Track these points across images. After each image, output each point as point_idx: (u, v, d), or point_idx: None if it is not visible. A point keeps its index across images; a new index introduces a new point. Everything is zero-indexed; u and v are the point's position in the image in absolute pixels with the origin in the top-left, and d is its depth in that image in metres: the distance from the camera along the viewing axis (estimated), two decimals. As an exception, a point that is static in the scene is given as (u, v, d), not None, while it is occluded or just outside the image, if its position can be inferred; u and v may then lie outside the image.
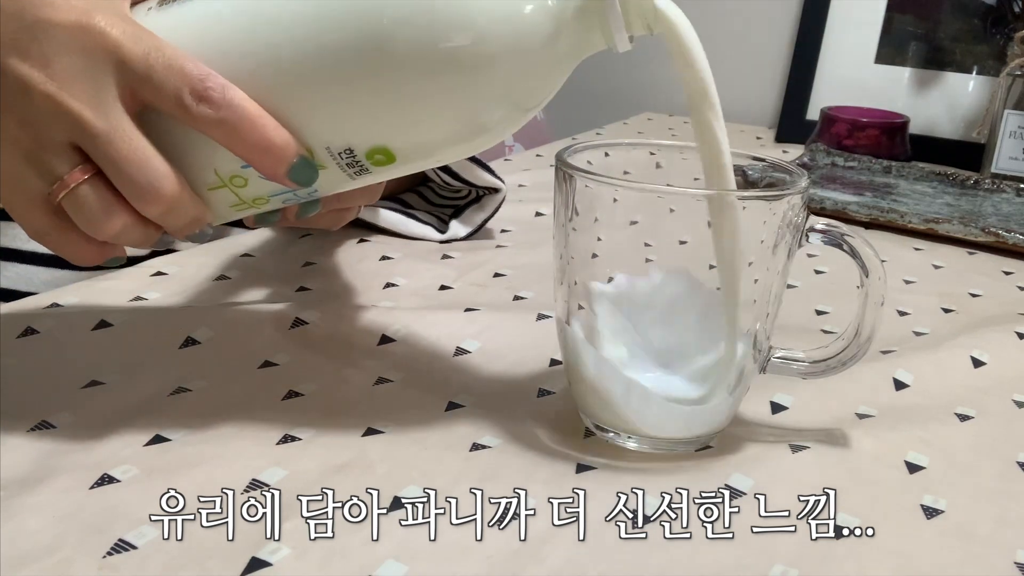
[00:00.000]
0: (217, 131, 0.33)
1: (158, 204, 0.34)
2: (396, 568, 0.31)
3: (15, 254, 0.56)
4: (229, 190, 0.36)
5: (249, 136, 0.33)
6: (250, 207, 0.38)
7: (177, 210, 0.35)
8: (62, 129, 0.33)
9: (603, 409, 0.39)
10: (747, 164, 0.41)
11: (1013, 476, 0.39)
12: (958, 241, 0.74)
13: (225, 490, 0.34)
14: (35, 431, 0.38)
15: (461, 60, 0.33)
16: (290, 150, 0.34)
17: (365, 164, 0.36)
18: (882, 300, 0.38)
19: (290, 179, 0.35)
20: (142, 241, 0.36)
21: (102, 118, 0.33)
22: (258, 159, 0.34)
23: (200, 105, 0.33)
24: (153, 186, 0.34)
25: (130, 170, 0.33)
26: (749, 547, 0.33)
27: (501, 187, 0.66)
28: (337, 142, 0.35)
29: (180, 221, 0.36)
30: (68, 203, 0.34)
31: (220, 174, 0.36)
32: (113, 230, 0.35)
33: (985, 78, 1.09)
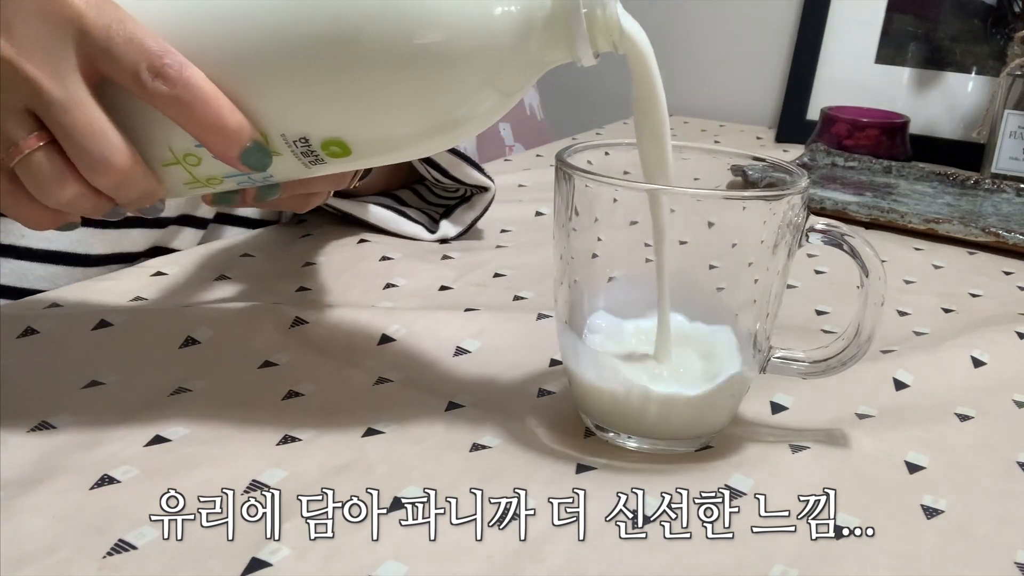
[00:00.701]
0: (171, 109, 0.33)
1: (110, 176, 0.34)
2: (396, 568, 0.31)
3: (11, 250, 0.56)
4: (183, 168, 0.36)
5: (203, 116, 0.33)
6: (204, 186, 0.37)
7: (129, 183, 0.35)
8: (19, 95, 0.33)
9: (603, 409, 0.39)
10: (747, 164, 0.41)
11: (1013, 476, 0.39)
12: (958, 241, 0.74)
13: (225, 490, 0.34)
14: (35, 431, 0.38)
15: (423, 60, 0.33)
16: (244, 134, 0.34)
17: (320, 154, 0.35)
18: (882, 300, 0.38)
19: (242, 163, 0.35)
20: (93, 211, 0.36)
21: (60, 87, 0.33)
22: (210, 140, 0.34)
23: (156, 81, 0.33)
24: (106, 158, 0.34)
25: (84, 141, 0.33)
26: (749, 547, 0.33)
27: (490, 186, 0.66)
28: (292, 130, 0.35)
29: (131, 194, 0.36)
30: (21, 169, 0.34)
31: (174, 151, 0.35)
32: (64, 198, 0.35)
33: (985, 78, 1.09)
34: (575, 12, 0.34)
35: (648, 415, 0.38)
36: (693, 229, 0.38)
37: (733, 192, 0.36)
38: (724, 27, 1.29)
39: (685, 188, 0.35)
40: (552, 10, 0.34)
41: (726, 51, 1.30)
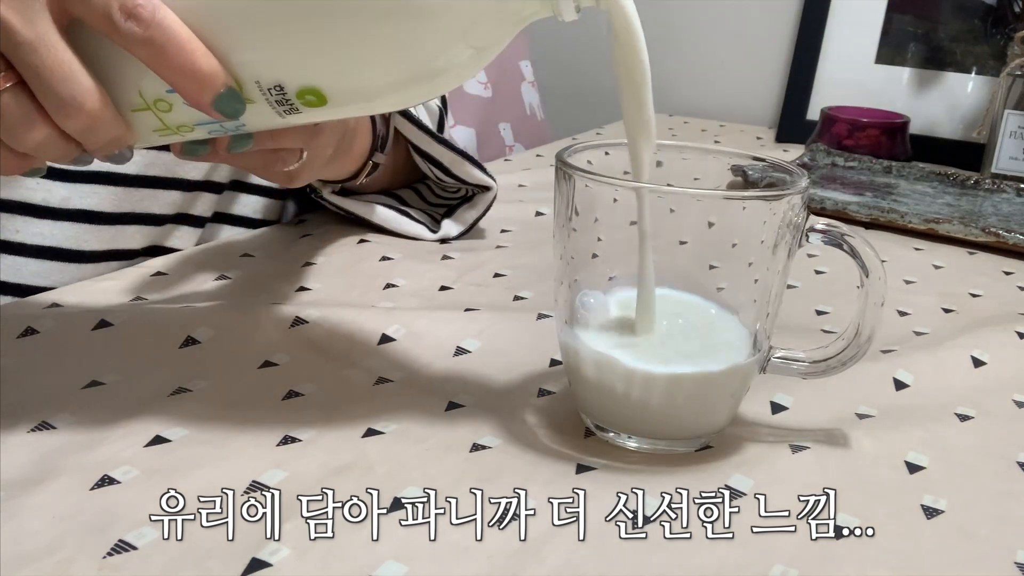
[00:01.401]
0: (143, 51, 0.33)
1: (79, 119, 0.34)
2: (396, 568, 0.31)
3: (6, 246, 0.56)
4: (153, 113, 0.35)
5: (175, 59, 0.33)
6: (174, 134, 0.37)
7: (98, 127, 0.34)
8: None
9: (603, 405, 0.39)
10: (747, 164, 0.41)
11: (1013, 476, 0.39)
12: (958, 241, 0.74)
13: (225, 491, 0.34)
14: (35, 431, 0.38)
15: (399, 7, 0.32)
16: (217, 79, 0.33)
17: (295, 103, 0.35)
18: (882, 300, 0.38)
19: (215, 109, 0.34)
20: (61, 156, 0.36)
21: (28, 26, 0.32)
22: (183, 84, 0.33)
23: (128, 22, 0.32)
24: (76, 100, 0.33)
25: (53, 82, 0.33)
26: (749, 547, 0.33)
27: (492, 185, 0.66)
28: (267, 77, 0.34)
29: (100, 139, 0.35)
30: None
31: (144, 96, 0.35)
32: (32, 142, 0.34)
33: (985, 78, 1.09)
34: None
35: (651, 405, 0.37)
36: (693, 229, 0.38)
37: (733, 192, 0.36)
38: (724, 27, 1.29)
39: (685, 188, 0.35)
40: None
41: (726, 51, 1.30)
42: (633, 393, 0.37)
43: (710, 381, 0.37)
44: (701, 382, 0.37)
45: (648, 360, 0.37)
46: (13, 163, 0.36)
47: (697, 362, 0.37)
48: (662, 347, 0.38)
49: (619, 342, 0.38)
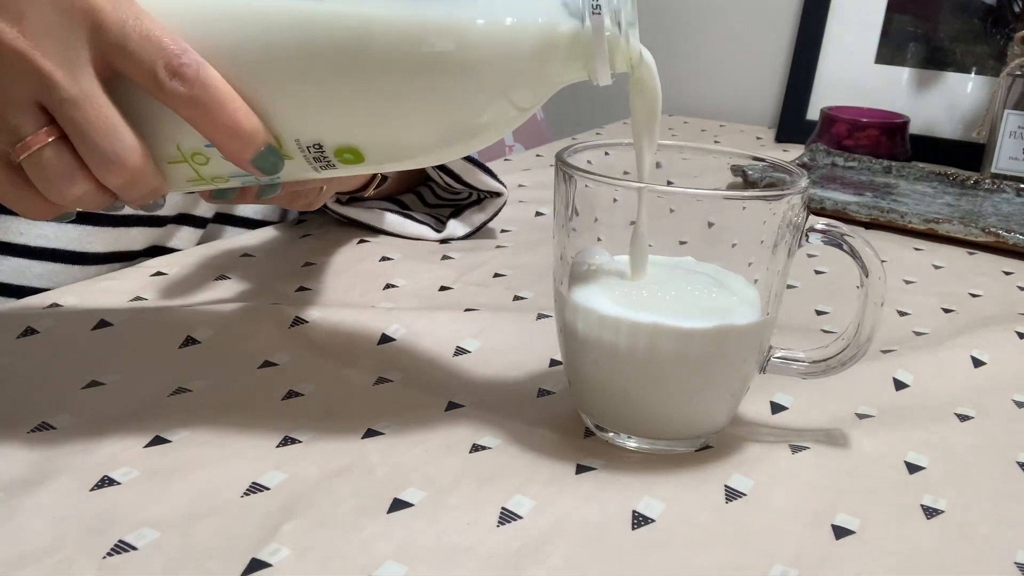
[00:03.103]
0: (187, 109, 0.33)
1: (121, 175, 0.34)
2: (396, 568, 0.31)
3: (8, 248, 0.56)
4: (189, 166, 0.36)
5: (218, 118, 0.33)
6: (208, 184, 0.37)
7: (139, 182, 0.34)
8: (30, 88, 0.32)
9: (605, 403, 0.39)
10: (747, 164, 0.41)
11: (1013, 476, 0.39)
12: (958, 241, 0.74)
13: (225, 492, 0.34)
14: (35, 432, 0.38)
15: (435, 69, 0.33)
16: (258, 137, 0.34)
17: (332, 160, 0.35)
18: (882, 300, 0.38)
19: (254, 166, 0.34)
20: (96, 206, 0.36)
21: (73, 82, 0.32)
22: (224, 142, 0.33)
23: (173, 81, 0.32)
24: (119, 156, 0.33)
25: (97, 138, 0.33)
26: (749, 547, 0.33)
27: (503, 191, 0.66)
28: (307, 136, 0.34)
29: (139, 192, 0.35)
30: (29, 164, 0.34)
31: (182, 149, 0.35)
32: (72, 195, 0.34)
33: (985, 78, 1.09)
34: (598, 33, 0.34)
35: (656, 360, 0.36)
36: (693, 229, 0.38)
37: (733, 192, 0.36)
38: (724, 27, 1.29)
39: (685, 188, 0.35)
40: (572, 29, 0.34)
41: (726, 51, 1.30)
42: (638, 350, 0.36)
43: (725, 336, 0.36)
44: (715, 337, 0.36)
45: (657, 314, 0.36)
46: (46, 210, 0.36)
47: (709, 318, 0.36)
48: (670, 303, 0.37)
49: (622, 300, 0.37)
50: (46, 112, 0.33)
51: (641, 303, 0.37)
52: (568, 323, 0.38)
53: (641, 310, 0.36)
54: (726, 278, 0.38)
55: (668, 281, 0.38)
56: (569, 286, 0.38)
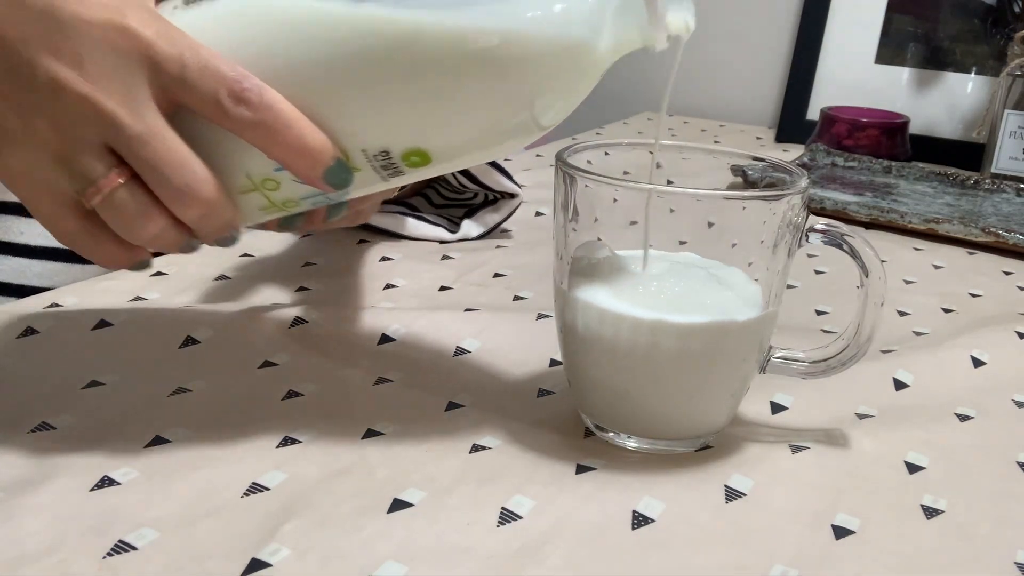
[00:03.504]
0: (254, 134, 0.33)
1: (197, 207, 0.34)
2: (396, 568, 0.31)
3: (9, 247, 0.56)
4: (260, 193, 0.36)
5: (286, 139, 0.33)
6: (280, 210, 0.37)
7: (213, 214, 0.34)
8: (96, 131, 0.32)
9: (606, 402, 0.39)
10: (747, 164, 0.41)
11: (1013, 476, 0.39)
12: (958, 241, 0.74)
13: (225, 492, 0.34)
14: (35, 432, 0.38)
15: (494, 60, 0.33)
16: (327, 153, 0.33)
17: (400, 166, 0.35)
18: (882, 300, 0.38)
19: (325, 183, 0.34)
20: (172, 245, 0.36)
21: (138, 119, 0.32)
22: (294, 162, 0.33)
23: (238, 107, 0.32)
24: (191, 188, 0.33)
25: (168, 172, 0.33)
26: (749, 547, 0.33)
27: (518, 192, 0.66)
28: (373, 145, 0.34)
29: (215, 224, 0.35)
30: (103, 207, 0.33)
31: (252, 177, 0.35)
32: (149, 234, 0.34)
33: (985, 78, 1.09)
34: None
35: (659, 354, 0.36)
36: (693, 229, 0.38)
37: (733, 192, 0.36)
38: (724, 27, 1.29)
39: (685, 188, 0.35)
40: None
41: (726, 51, 1.30)
42: (639, 344, 0.36)
43: (726, 333, 0.36)
44: (716, 334, 0.36)
45: (658, 310, 0.36)
46: (122, 256, 0.36)
47: (710, 314, 0.36)
48: (671, 299, 0.37)
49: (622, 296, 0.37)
50: (114, 153, 0.33)
51: (642, 299, 0.37)
52: (568, 321, 0.38)
53: (642, 306, 0.36)
54: (727, 273, 0.38)
55: (669, 277, 0.38)
56: (569, 283, 0.38)
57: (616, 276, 0.38)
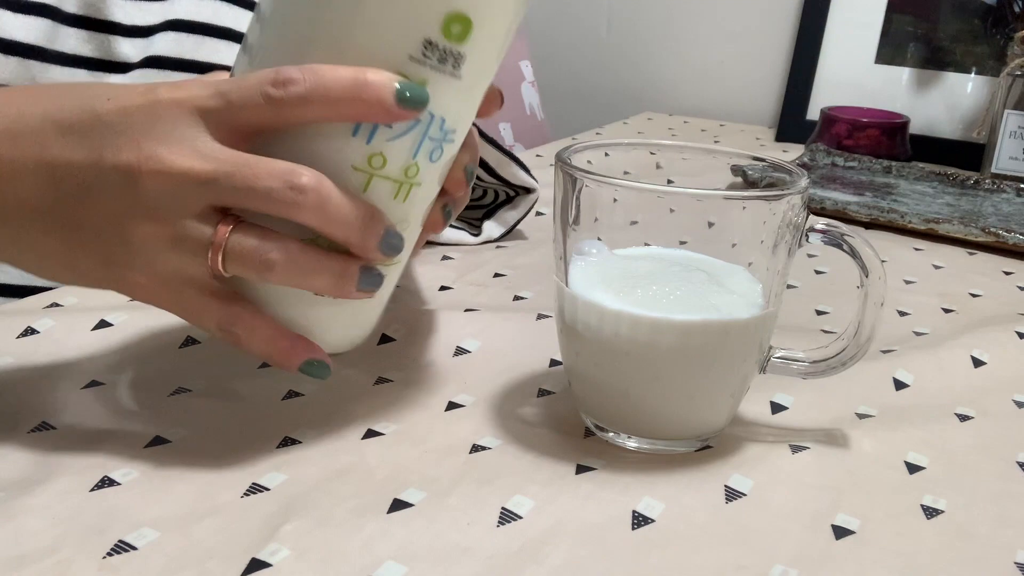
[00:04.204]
0: (315, 105, 0.32)
1: (304, 204, 0.32)
2: (396, 569, 0.31)
3: None
4: (377, 177, 0.35)
5: (340, 92, 0.32)
6: (407, 183, 0.36)
7: (329, 204, 0.33)
8: (183, 196, 0.32)
9: (606, 404, 0.39)
10: (747, 164, 0.41)
11: (1013, 476, 0.39)
12: (958, 241, 0.74)
13: (225, 492, 0.34)
14: (35, 432, 0.38)
15: None
16: (383, 76, 0.33)
17: (451, 48, 0.34)
18: (882, 300, 0.38)
19: (402, 105, 0.33)
20: (338, 280, 0.34)
21: (210, 161, 0.32)
22: (363, 104, 0.32)
23: (287, 89, 0.32)
24: (289, 182, 0.32)
25: (257, 183, 0.32)
26: (749, 547, 0.33)
27: (535, 187, 0.66)
28: (413, 45, 0.34)
29: (353, 224, 0.34)
30: (229, 261, 0.33)
31: (357, 165, 0.34)
32: (282, 261, 0.33)
33: (985, 78, 1.09)
34: None
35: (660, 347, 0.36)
36: (693, 229, 0.38)
37: (733, 192, 0.36)
38: (724, 27, 1.29)
39: (685, 188, 0.35)
40: None
41: (726, 51, 1.30)
42: (640, 336, 0.36)
43: (726, 331, 0.36)
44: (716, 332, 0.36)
45: (658, 308, 0.36)
46: (284, 341, 0.35)
47: (710, 312, 0.36)
48: (670, 297, 0.37)
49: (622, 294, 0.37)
50: (216, 210, 0.33)
51: (642, 297, 0.37)
52: (568, 320, 0.38)
53: (641, 305, 0.36)
54: (727, 273, 0.38)
55: (669, 276, 0.38)
56: (569, 282, 0.38)
57: (616, 275, 0.38)
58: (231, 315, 0.35)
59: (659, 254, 0.39)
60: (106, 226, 0.33)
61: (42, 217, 0.34)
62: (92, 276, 0.35)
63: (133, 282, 0.34)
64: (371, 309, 0.39)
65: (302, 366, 0.36)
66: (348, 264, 0.35)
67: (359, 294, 0.36)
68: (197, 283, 0.34)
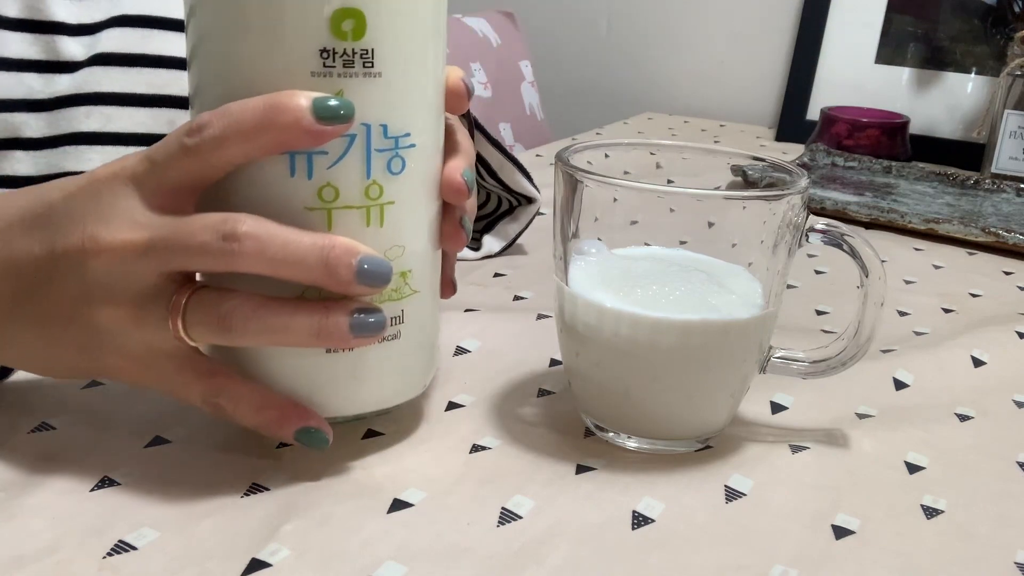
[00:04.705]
0: (233, 143, 0.31)
1: (242, 252, 0.31)
2: (396, 569, 0.31)
3: None
4: (336, 210, 0.33)
5: (254, 124, 0.31)
6: (375, 205, 0.34)
7: (271, 247, 0.31)
8: (129, 268, 0.32)
9: (606, 403, 0.39)
10: (747, 164, 0.41)
11: (1013, 476, 0.39)
12: (958, 241, 0.74)
13: (225, 492, 0.34)
14: (35, 432, 0.38)
15: None
16: (295, 96, 0.31)
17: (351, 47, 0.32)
18: (882, 300, 0.38)
19: (322, 120, 0.31)
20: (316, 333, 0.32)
21: (144, 230, 0.32)
22: (281, 130, 0.31)
23: (202, 133, 0.31)
24: (221, 232, 0.31)
25: (191, 240, 0.31)
26: (749, 547, 0.33)
27: (537, 197, 0.63)
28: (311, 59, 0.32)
29: (296, 260, 0.32)
30: (191, 327, 0.32)
31: (310, 206, 0.33)
32: (240, 318, 0.32)
33: (985, 78, 1.09)
34: None
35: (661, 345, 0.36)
36: (693, 229, 0.38)
37: (733, 192, 0.36)
38: (724, 27, 1.29)
39: (685, 188, 0.35)
40: None
41: (726, 51, 1.30)
42: (640, 335, 0.36)
43: (726, 331, 0.36)
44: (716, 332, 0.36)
45: (658, 308, 0.36)
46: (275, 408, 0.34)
47: (710, 312, 0.36)
48: (671, 297, 0.37)
49: (622, 294, 0.37)
50: (169, 277, 0.32)
51: (641, 297, 0.37)
52: (568, 320, 0.38)
53: (641, 305, 0.36)
54: (727, 272, 0.38)
55: (669, 276, 0.38)
56: (569, 282, 0.38)
57: (616, 275, 0.38)
58: (213, 387, 0.34)
59: (659, 254, 0.39)
60: (71, 314, 0.33)
61: (15, 313, 0.34)
62: (73, 367, 0.35)
63: (111, 366, 0.34)
64: (386, 360, 0.36)
65: (295, 435, 0.34)
66: (329, 311, 0.33)
67: (358, 341, 0.33)
68: (173, 358, 0.33)
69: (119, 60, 0.51)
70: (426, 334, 0.38)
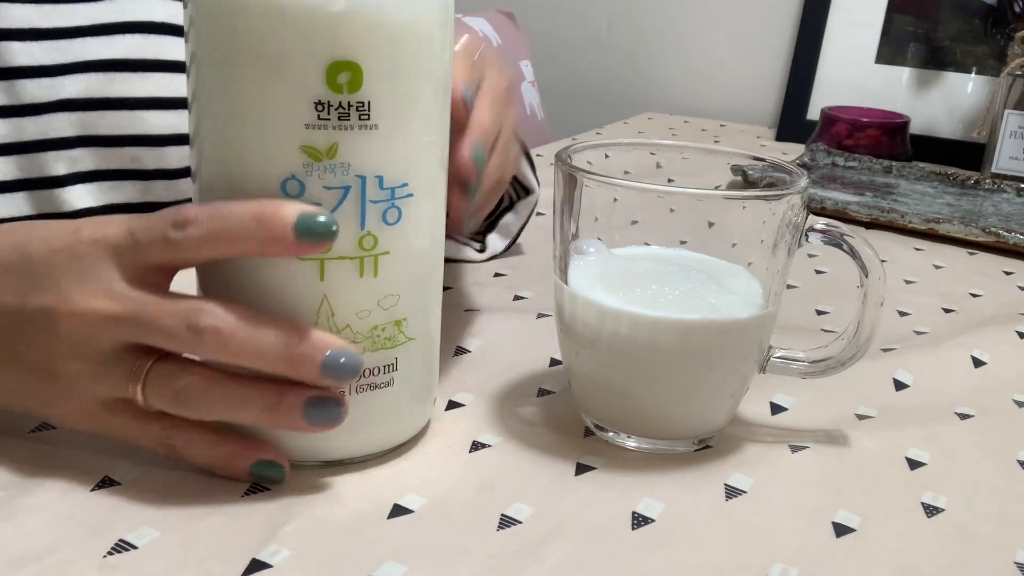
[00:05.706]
0: (215, 245, 0.32)
1: (204, 343, 0.32)
2: (395, 569, 0.31)
3: None
4: (329, 261, 0.33)
5: (239, 232, 0.32)
6: (369, 256, 0.33)
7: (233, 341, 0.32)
8: (98, 334, 0.32)
9: (606, 403, 0.39)
10: (747, 164, 0.41)
11: (1013, 475, 0.39)
12: (958, 241, 0.74)
13: (225, 492, 0.34)
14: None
15: None
16: (284, 211, 0.31)
17: (347, 100, 0.32)
18: (882, 300, 0.38)
19: (303, 240, 0.31)
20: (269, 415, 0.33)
21: (118, 302, 0.32)
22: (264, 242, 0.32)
23: (187, 229, 0.32)
24: (187, 322, 0.32)
25: (159, 323, 0.32)
26: (749, 547, 0.33)
27: (535, 188, 0.62)
28: (306, 111, 0.31)
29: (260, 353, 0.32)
30: (150, 394, 0.33)
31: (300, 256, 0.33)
32: (194, 393, 0.33)
33: (985, 78, 1.09)
34: None
35: (660, 346, 0.36)
36: (693, 229, 0.38)
37: (733, 192, 0.36)
38: (724, 27, 1.29)
39: (685, 188, 0.35)
40: None
41: (726, 51, 1.30)
42: (640, 334, 0.36)
43: (725, 331, 0.36)
44: (715, 331, 0.36)
45: (658, 307, 0.36)
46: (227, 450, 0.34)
47: (710, 312, 0.36)
48: (670, 296, 0.37)
49: (622, 293, 0.37)
50: (132, 348, 0.33)
51: (641, 296, 0.37)
52: (568, 319, 0.38)
53: (641, 304, 0.36)
54: (727, 271, 0.38)
55: (668, 276, 0.38)
56: (569, 282, 0.38)
57: (616, 275, 0.38)
58: (166, 429, 0.34)
59: (659, 254, 0.39)
60: (38, 361, 0.33)
61: None
62: (32, 406, 0.35)
63: (67, 412, 0.35)
64: (375, 408, 0.35)
65: (251, 469, 0.34)
66: (284, 395, 0.33)
67: (312, 429, 0.33)
68: (130, 408, 0.34)
69: (81, 105, 0.52)
70: (420, 382, 0.37)
